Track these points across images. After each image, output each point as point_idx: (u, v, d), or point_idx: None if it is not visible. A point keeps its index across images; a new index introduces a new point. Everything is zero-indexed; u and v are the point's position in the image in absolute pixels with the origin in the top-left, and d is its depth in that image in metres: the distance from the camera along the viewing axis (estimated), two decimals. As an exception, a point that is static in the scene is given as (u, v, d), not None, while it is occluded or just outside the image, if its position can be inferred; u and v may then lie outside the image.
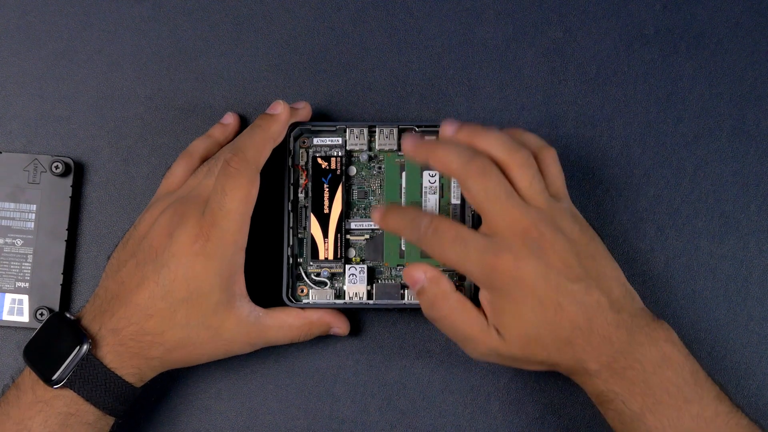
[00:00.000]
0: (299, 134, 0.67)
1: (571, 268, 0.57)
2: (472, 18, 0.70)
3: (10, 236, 0.68)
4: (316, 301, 0.65)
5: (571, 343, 0.57)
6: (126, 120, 0.70)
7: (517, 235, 0.57)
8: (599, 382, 0.58)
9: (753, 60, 0.69)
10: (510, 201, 0.58)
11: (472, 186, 0.58)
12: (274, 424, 0.67)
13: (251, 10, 0.70)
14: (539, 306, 0.57)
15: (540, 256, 0.57)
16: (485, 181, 0.58)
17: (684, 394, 0.56)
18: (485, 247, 0.57)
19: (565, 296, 0.57)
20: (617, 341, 0.57)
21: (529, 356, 0.59)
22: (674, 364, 0.57)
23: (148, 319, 0.59)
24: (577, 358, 0.58)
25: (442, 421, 0.67)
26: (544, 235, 0.57)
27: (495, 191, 0.58)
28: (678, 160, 0.68)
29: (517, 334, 0.58)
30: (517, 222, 0.57)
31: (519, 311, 0.57)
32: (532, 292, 0.57)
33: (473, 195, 0.58)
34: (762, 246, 0.67)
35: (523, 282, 0.57)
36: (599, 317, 0.57)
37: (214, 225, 0.59)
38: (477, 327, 0.59)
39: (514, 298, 0.57)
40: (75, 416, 0.58)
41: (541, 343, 0.58)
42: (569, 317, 0.57)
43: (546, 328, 0.57)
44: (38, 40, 0.70)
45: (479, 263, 0.57)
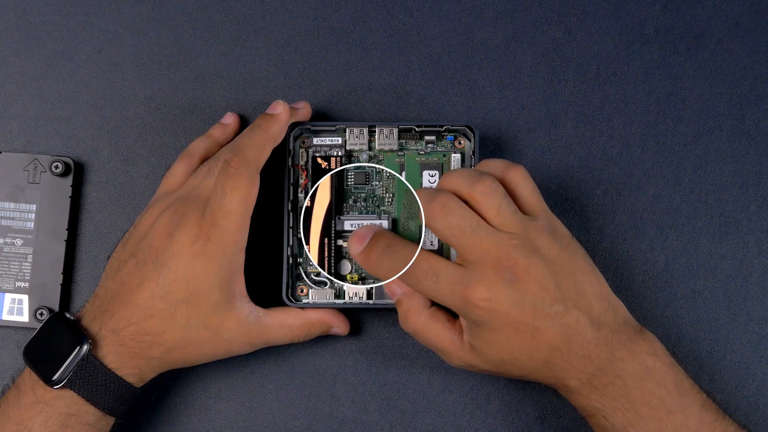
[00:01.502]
0: (299, 134, 0.67)
1: (548, 291, 0.57)
2: (472, 18, 0.70)
3: (10, 236, 0.68)
4: (316, 301, 0.65)
5: (548, 363, 0.57)
6: (126, 120, 0.70)
7: (489, 265, 0.57)
8: (580, 398, 0.58)
9: (753, 60, 0.69)
10: (477, 234, 0.57)
11: (435, 225, 0.58)
12: (274, 424, 0.67)
13: (251, 10, 0.70)
14: (515, 334, 0.57)
15: (513, 283, 0.56)
16: (447, 217, 0.58)
17: (666, 406, 0.56)
18: (457, 280, 0.57)
19: (542, 320, 0.56)
20: (597, 359, 0.57)
21: (505, 374, 0.60)
22: (656, 376, 0.57)
23: (148, 319, 0.59)
24: (556, 377, 0.58)
25: (442, 421, 0.67)
26: (518, 261, 0.57)
27: (459, 227, 0.57)
28: (678, 160, 0.68)
29: (494, 358, 0.58)
30: (487, 253, 0.57)
31: (494, 339, 0.57)
32: (506, 322, 0.57)
33: (440, 233, 0.58)
34: (762, 246, 0.67)
35: (497, 312, 0.56)
36: (578, 337, 0.57)
37: (214, 225, 0.59)
38: (449, 341, 0.60)
39: (489, 327, 0.57)
40: (75, 417, 0.58)
41: (518, 365, 0.58)
42: (546, 340, 0.57)
43: (522, 352, 0.57)
44: (38, 40, 0.70)
45: (452, 296, 0.57)
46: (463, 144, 0.66)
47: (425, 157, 0.66)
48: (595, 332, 0.57)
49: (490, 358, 0.59)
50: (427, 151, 0.66)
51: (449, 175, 0.60)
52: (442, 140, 0.66)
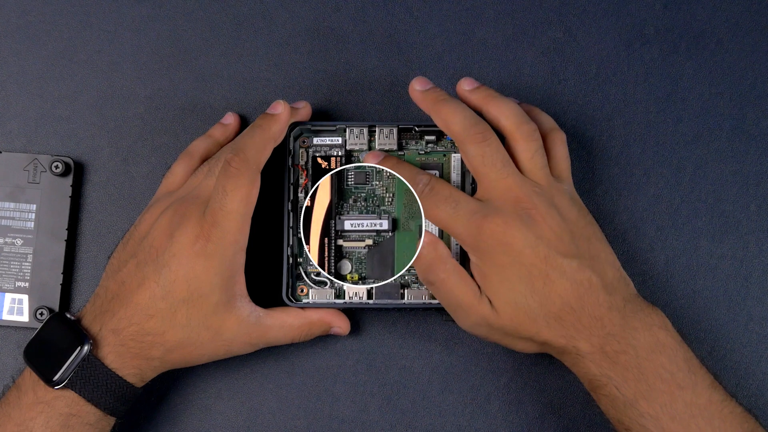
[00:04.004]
0: (299, 134, 0.67)
1: (563, 243, 0.58)
2: (472, 18, 0.70)
3: (10, 236, 0.68)
4: (316, 301, 0.65)
5: (560, 319, 0.57)
6: (126, 120, 0.70)
7: (509, 202, 0.58)
8: (592, 365, 0.58)
9: (753, 60, 0.69)
10: (505, 169, 0.59)
11: (470, 150, 0.59)
12: (274, 424, 0.67)
13: (251, 10, 0.70)
14: (527, 274, 0.57)
15: (530, 225, 0.57)
16: (483, 147, 0.59)
17: (677, 381, 0.56)
18: (476, 209, 0.58)
19: (554, 269, 0.57)
20: (609, 323, 0.57)
21: (517, 328, 0.59)
22: (668, 350, 0.57)
23: (148, 320, 0.59)
24: (567, 336, 0.58)
25: (442, 421, 0.67)
26: (538, 207, 0.58)
27: (492, 157, 0.59)
28: (678, 160, 0.68)
29: (505, 302, 0.58)
30: (510, 190, 0.58)
31: (506, 277, 0.58)
32: (519, 259, 0.57)
33: (470, 159, 0.59)
34: (762, 246, 0.67)
35: (511, 247, 0.57)
36: (590, 296, 0.57)
37: (215, 225, 0.59)
38: (471, 294, 0.59)
39: (501, 262, 0.57)
40: (76, 417, 0.58)
41: (530, 315, 0.58)
42: (558, 292, 0.57)
43: (534, 299, 0.57)
44: (38, 40, 0.70)
45: (467, 223, 0.58)
46: (464, 144, 0.66)
47: (425, 157, 0.66)
48: (608, 296, 0.58)
49: (503, 305, 0.58)
50: (427, 151, 0.66)
51: (498, 99, 0.61)
52: (442, 140, 0.66)
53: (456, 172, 0.66)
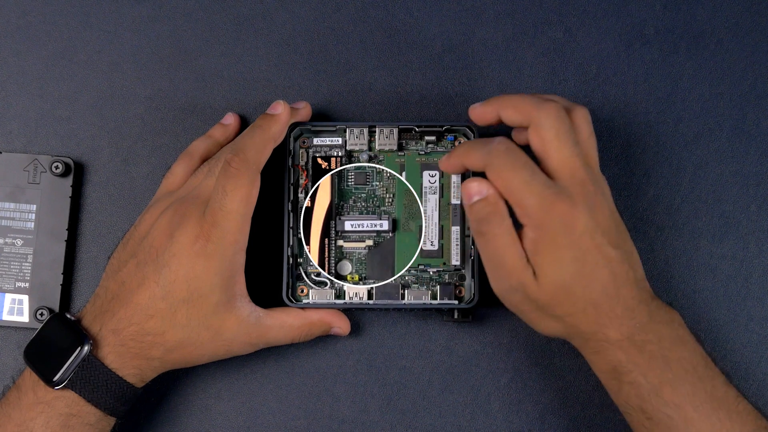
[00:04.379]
0: (299, 134, 0.67)
1: (612, 234, 0.58)
2: (472, 18, 0.70)
3: (10, 236, 0.68)
4: (316, 301, 0.65)
5: (597, 305, 0.57)
6: (126, 120, 0.70)
7: (577, 184, 0.58)
8: (620, 352, 0.58)
9: (753, 60, 0.69)
10: (576, 149, 0.58)
11: (545, 123, 0.58)
12: (274, 424, 0.67)
13: (251, 10, 0.70)
14: (581, 258, 0.57)
15: (592, 211, 0.57)
16: (560, 122, 0.58)
17: (698, 374, 0.57)
18: (550, 184, 0.57)
19: (604, 257, 0.57)
20: (639, 315, 0.58)
21: (553, 305, 0.58)
22: (689, 345, 0.58)
23: (148, 320, 0.59)
24: (599, 323, 0.58)
25: (442, 421, 0.67)
26: (596, 194, 0.58)
27: (567, 134, 0.58)
28: (678, 160, 0.68)
29: (551, 279, 0.57)
30: (578, 171, 0.58)
31: (561, 256, 0.57)
32: (577, 243, 0.57)
33: (544, 133, 0.58)
34: (762, 246, 0.67)
35: (573, 230, 0.57)
36: (625, 288, 0.58)
37: (215, 225, 0.59)
38: (518, 257, 0.58)
39: (560, 242, 0.57)
40: (76, 417, 0.58)
41: (571, 297, 0.57)
42: (601, 279, 0.57)
43: (580, 282, 0.57)
44: (38, 40, 0.70)
45: (540, 196, 0.57)
46: (464, 144, 0.66)
47: (425, 157, 0.66)
48: (639, 291, 0.58)
49: (548, 280, 0.57)
50: (428, 151, 0.66)
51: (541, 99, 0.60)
52: (443, 140, 0.66)
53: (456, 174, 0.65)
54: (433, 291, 0.66)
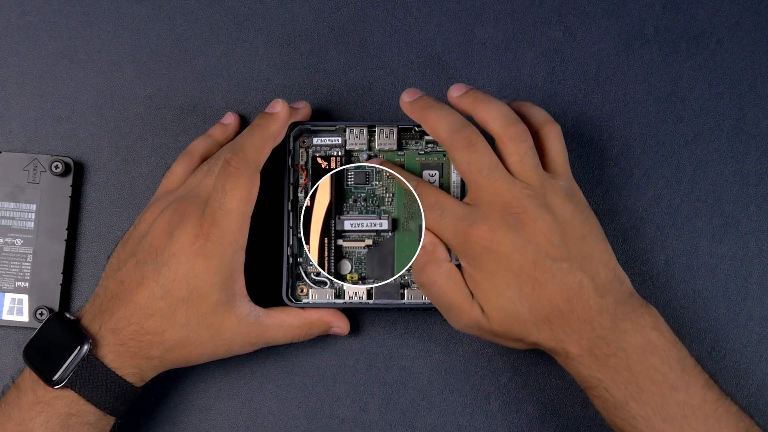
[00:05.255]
0: (299, 134, 0.67)
1: (553, 246, 0.57)
2: (472, 18, 0.70)
3: (10, 236, 0.68)
4: (315, 301, 0.65)
5: (549, 322, 0.57)
6: (126, 120, 0.70)
7: (497, 208, 0.58)
8: (581, 367, 0.58)
9: (753, 60, 0.69)
10: (494, 174, 0.58)
11: (456, 156, 0.59)
12: (274, 424, 0.67)
13: (251, 10, 0.70)
14: (515, 280, 0.57)
15: (518, 229, 0.57)
16: (470, 152, 0.58)
17: (669, 382, 0.56)
18: (462, 215, 0.58)
19: (543, 273, 0.57)
20: (599, 326, 0.57)
21: (507, 332, 0.59)
22: (660, 351, 0.57)
23: (148, 319, 0.59)
24: (557, 339, 0.58)
25: (442, 421, 0.67)
26: (527, 210, 0.57)
27: (479, 163, 0.58)
28: (678, 160, 0.68)
29: (494, 308, 0.58)
30: (498, 194, 0.58)
31: (494, 283, 0.57)
32: (506, 265, 0.57)
33: (457, 165, 0.59)
34: (762, 246, 0.67)
35: (498, 254, 0.57)
36: (580, 300, 0.57)
37: (215, 224, 0.59)
38: (462, 297, 0.59)
39: (489, 269, 0.57)
40: (76, 416, 0.58)
41: (520, 320, 0.58)
42: (547, 296, 0.57)
43: (523, 304, 0.57)
44: (38, 40, 0.70)
45: (454, 231, 0.58)
46: (463, 144, 0.66)
47: (425, 157, 0.66)
48: (599, 299, 0.57)
49: (493, 311, 0.58)
50: (427, 151, 0.66)
51: (485, 102, 0.60)
52: None
53: (456, 172, 0.65)
54: (433, 291, 0.66)
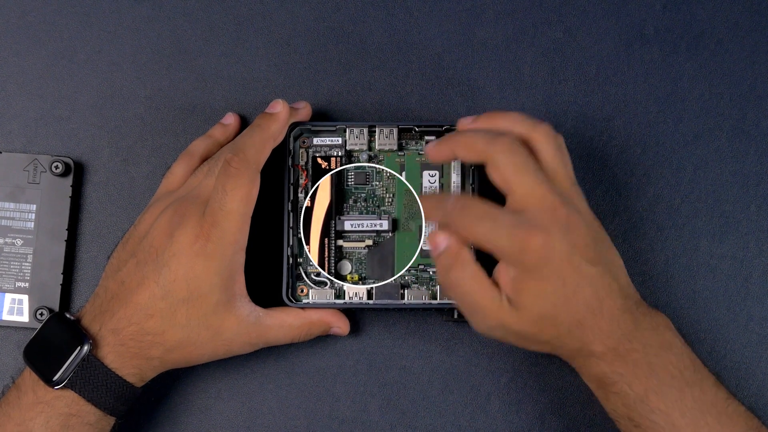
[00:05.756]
0: (299, 134, 0.67)
1: (589, 250, 0.57)
2: (472, 18, 0.70)
3: (10, 236, 0.68)
4: (316, 301, 0.65)
5: (582, 324, 0.57)
6: (126, 120, 0.70)
7: (547, 212, 0.57)
8: (604, 364, 0.58)
9: (753, 60, 0.69)
10: (538, 176, 0.57)
11: (500, 160, 0.58)
12: (274, 424, 0.67)
13: (251, 10, 0.70)
14: (562, 286, 0.57)
15: (567, 235, 0.56)
16: (513, 156, 0.57)
17: (685, 378, 0.57)
18: (516, 223, 0.56)
19: (584, 278, 0.57)
20: (623, 325, 0.57)
21: (538, 334, 0.58)
22: (675, 349, 0.58)
23: (148, 319, 0.59)
24: (584, 341, 0.58)
25: (442, 421, 0.67)
26: (570, 214, 0.57)
27: (524, 165, 0.57)
28: (678, 160, 0.68)
29: (534, 312, 0.57)
30: (545, 198, 0.57)
31: (543, 290, 0.57)
32: (557, 272, 0.56)
33: (502, 170, 0.58)
34: (762, 246, 0.67)
35: (552, 261, 0.56)
36: (609, 301, 0.57)
37: (215, 225, 0.59)
38: (490, 298, 0.58)
39: (541, 276, 0.56)
40: (76, 417, 0.58)
41: (555, 323, 0.57)
42: (584, 298, 0.57)
43: (563, 308, 0.57)
44: (38, 40, 0.70)
45: (509, 239, 0.56)
46: (463, 144, 0.66)
47: (425, 157, 0.66)
48: (623, 300, 0.58)
49: (531, 313, 0.57)
50: (427, 151, 0.66)
51: (499, 116, 0.60)
52: None
53: (456, 173, 0.66)
54: (433, 291, 0.66)
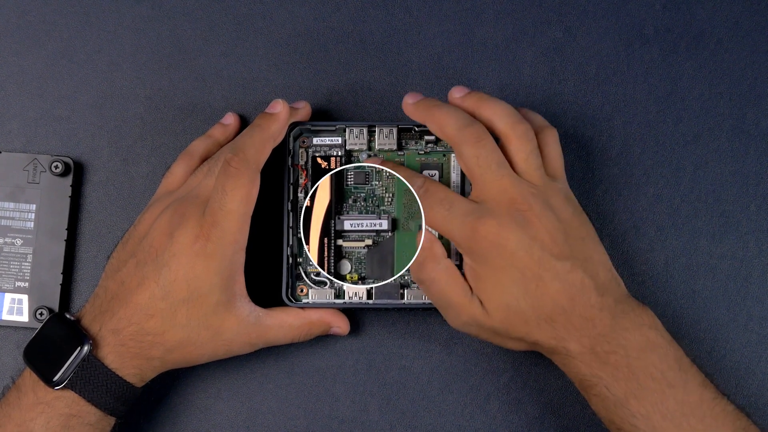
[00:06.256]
0: (299, 134, 0.67)
1: (557, 245, 0.58)
2: (472, 18, 0.70)
3: (10, 236, 0.68)
4: (315, 301, 0.65)
5: (551, 320, 0.57)
6: (126, 120, 0.70)
7: (504, 204, 0.58)
8: (582, 365, 0.58)
9: (753, 60, 0.69)
10: (501, 170, 0.59)
11: (464, 151, 0.59)
12: (274, 424, 0.67)
13: (251, 10, 0.70)
14: (520, 277, 0.57)
15: (524, 227, 0.57)
16: (478, 148, 0.59)
17: (668, 379, 0.56)
18: (470, 211, 0.58)
19: (548, 271, 0.57)
20: (600, 324, 0.57)
21: (508, 329, 0.59)
22: (658, 349, 0.57)
23: (148, 320, 0.59)
24: (558, 338, 0.58)
25: (442, 421, 0.67)
26: (533, 208, 0.58)
27: (487, 159, 0.59)
28: (678, 160, 0.68)
29: (497, 305, 0.58)
30: (505, 191, 0.58)
31: (499, 280, 0.58)
32: (512, 262, 0.57)
33: (465, 160, 0.59)
34: (762, 246, 0.67)
35: (504, 250, 0.57)
36: (582, 298, 0.57)
37: (215, 225, 0.59)
38: (461, 293, 0.59)
39: (495, 265, 0.57)
40: (76, 417, 0.58)
41: (522, 317, 0.58)
42: (551, 294, 0.57)
43: (527, 301, 0.57)
44: (38, 40, 0.70)
45: (461, 226, 0.58)
46: (463, 144, 0.66)
47: (425, 157, 0.66)
48: (599, 297, 0.58)
49: (495, 306, 0.58)
50: (427, 151, 0.66)
51: (489, 101, 0.61)
52: (442, 140, 0.66)
53: (456, 172, 0.66)
54: (433, 291, 0.66)
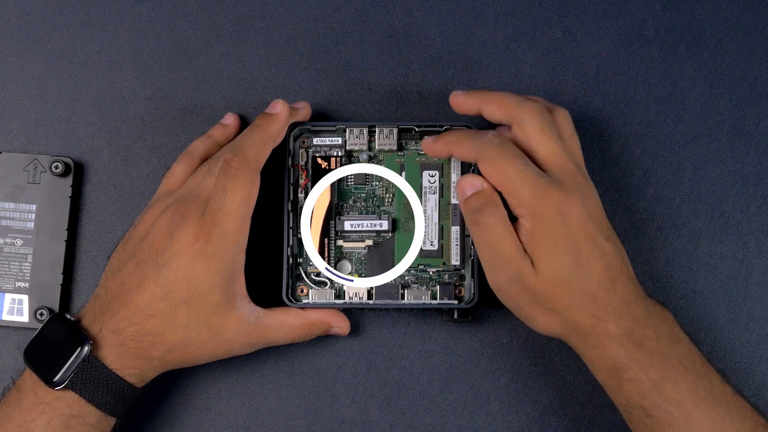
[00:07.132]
0: (299, 134, 0.67)
1: (603, 226, 0.59)
2: (472, 18, 0.70)
3: (10, 236, 0.68)
4: (316, 301, 0.65)
5: (594, 298, 0.57)
6: (126, 120, 0.70)
7: (569, 176, 0.59)
8: (620, 348, 0.57)
9: (753, 60, 0.69)
10: (561, 144, 0.60)
11: (528, 119, 0.59)
12: (274, 424, 0.67)
13: (251, 10, 0.70)
14: (575, 248, 0.57)
15: (585, 202, 0.58)
16: (542, 119, 0.59)
17: (696, 370, 0.57)
18: (542, 174, 0.58)
19: (597, 249, 0.58)
20: (635, 310, 0.58)
21: (552, 297, 0.58)
22: (684, 342, 0.58)
23: (148, 320, 0.59)
24: (598, 317, 0.57)
25: (442, 421, 0.67)
26: (589, 185, 0.60)
27: (551, 130, 0.59)
28: (678, 160, 0.68)
29: (549, 268, 0.57)
30: (567, 162, 0.59)
31: (557, 245, 0.57)
32: (572, 233, 0.57)
33: (527, 129, 0.59)
34: (762, 246, 0.67)
35: (568, 219, 0.57)
36: (621, 282, 0.58)
37: (215, 225, 0.59)
38: (515, 246, 0.58)
39: (555, 230, 0.57)
40: (77, 417, 0.58)
41: (568, 287, 0.57)
42: (597, 271, 0.57)
43: (576, 273, 0.57)
44: (38, 40, 0.70)
45: (534, 185, 0.57)
46: (464, 144, 0.66)
47: (425, 157, 0.66)
48: (634, 285, 0.59)
49: (546, 269, 0.57)
50: (427, 151, 0.66)
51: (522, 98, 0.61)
52: None
53: (456, 172, 0.66)
54: (433, 291, 0.66)
